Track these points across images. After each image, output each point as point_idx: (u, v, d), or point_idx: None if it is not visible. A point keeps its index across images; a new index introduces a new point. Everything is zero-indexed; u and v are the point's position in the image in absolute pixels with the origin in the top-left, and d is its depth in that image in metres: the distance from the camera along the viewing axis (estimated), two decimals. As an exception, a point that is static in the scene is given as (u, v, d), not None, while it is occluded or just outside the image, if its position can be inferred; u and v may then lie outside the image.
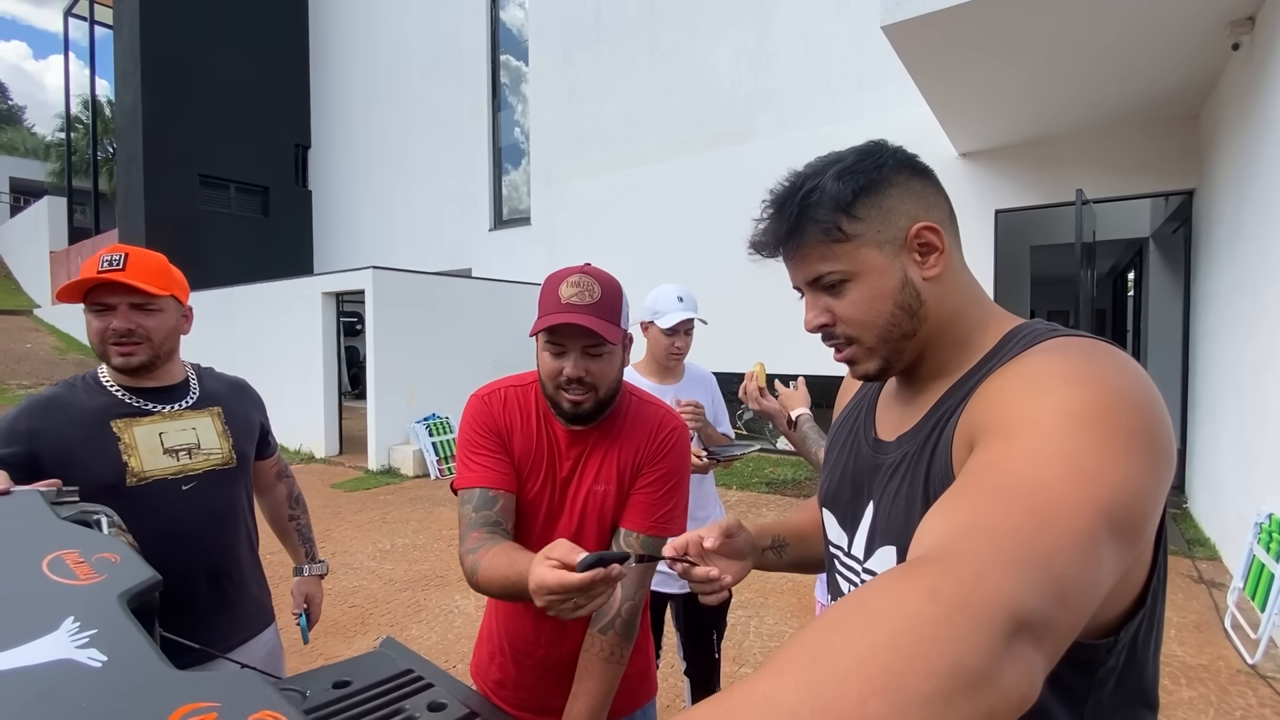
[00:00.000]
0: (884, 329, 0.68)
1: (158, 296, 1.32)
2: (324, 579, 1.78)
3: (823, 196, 0.66)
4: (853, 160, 0.68)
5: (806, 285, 0.72)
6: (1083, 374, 0.52)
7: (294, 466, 7.45)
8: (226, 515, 1.43)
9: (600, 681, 1.03)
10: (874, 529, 0.71)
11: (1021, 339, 0.64)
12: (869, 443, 0.77)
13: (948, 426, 0.63)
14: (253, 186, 14.76)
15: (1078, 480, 0.44)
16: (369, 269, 7.13)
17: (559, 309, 1.04)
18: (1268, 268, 3.34)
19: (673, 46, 8.51)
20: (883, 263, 0.66)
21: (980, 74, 4.40)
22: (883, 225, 0.66)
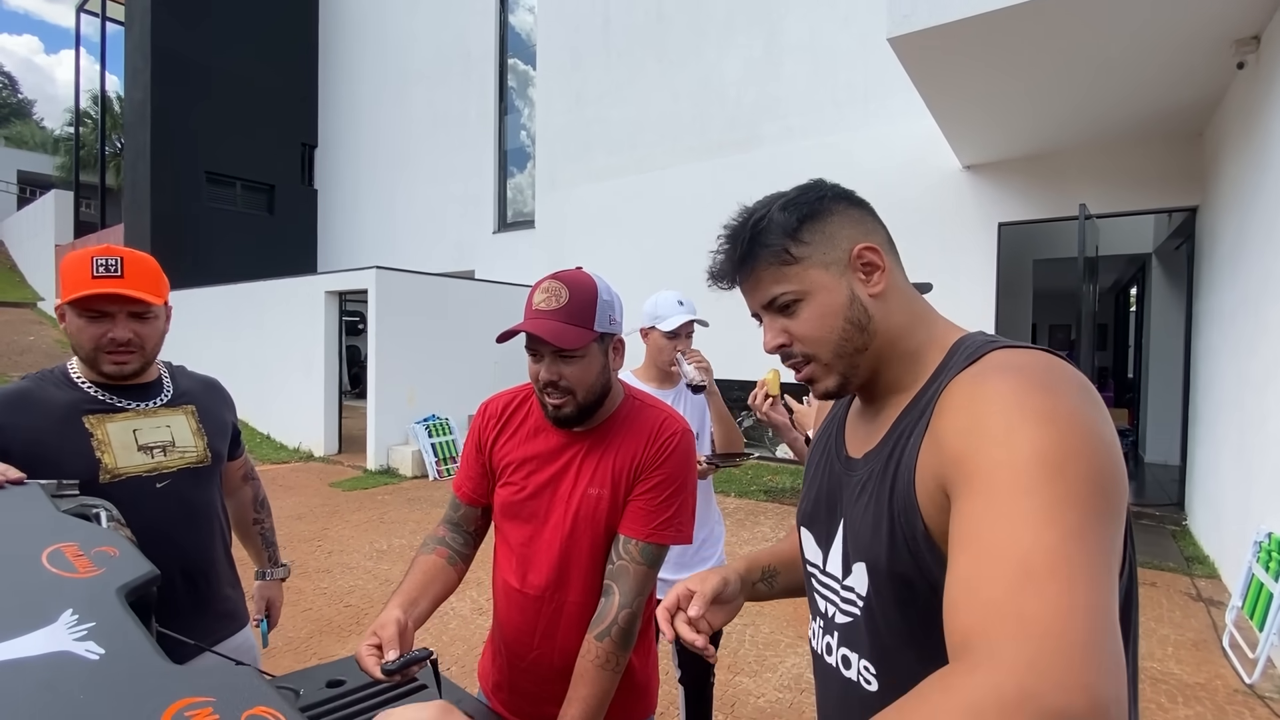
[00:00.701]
0: (838, 344, 0.72)
1: (155, 305, 1.31)
2: (287, 578, 1.76)
3: (771, 224, 0.73)
4: (795, 194, 0.75)
5: (763, 309, 0.76)
6: (1045, 408, 0.54)
7: (293, 465, 7.46)
8: (201, 514, 1.41)
9: (594, 688, 1.02)
10: (846, 546, 0.74)
11: (964, 352, 0.67)
12: (840, 460, 0.80)
13: (908, 446, 0.66)
14: (259, 184, 14.81)
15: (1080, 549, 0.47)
16: (372, 269, 7.15)
17: (527, 315, 1.09)
18: (1271, 287, 3.34)
19: (680, 54, 8.55)
20: (830, 281, 0.72)
21: (985, 87, 4.41)
22: (827, 248, 0.72)
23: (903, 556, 0.63)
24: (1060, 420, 0.53)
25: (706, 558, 1.94)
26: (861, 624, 0.71)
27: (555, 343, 1.05)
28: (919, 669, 0.59)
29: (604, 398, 1.16)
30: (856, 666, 0.72)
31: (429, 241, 12.58)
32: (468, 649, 3.12)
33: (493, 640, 1.29)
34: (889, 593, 0.66)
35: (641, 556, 1.10)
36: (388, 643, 0.96)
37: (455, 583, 1.22)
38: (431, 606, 1.14)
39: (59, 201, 18.04)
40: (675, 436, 1.16)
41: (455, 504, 1.27)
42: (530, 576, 1.17)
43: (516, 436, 1.22)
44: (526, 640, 1.17)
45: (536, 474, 1.18)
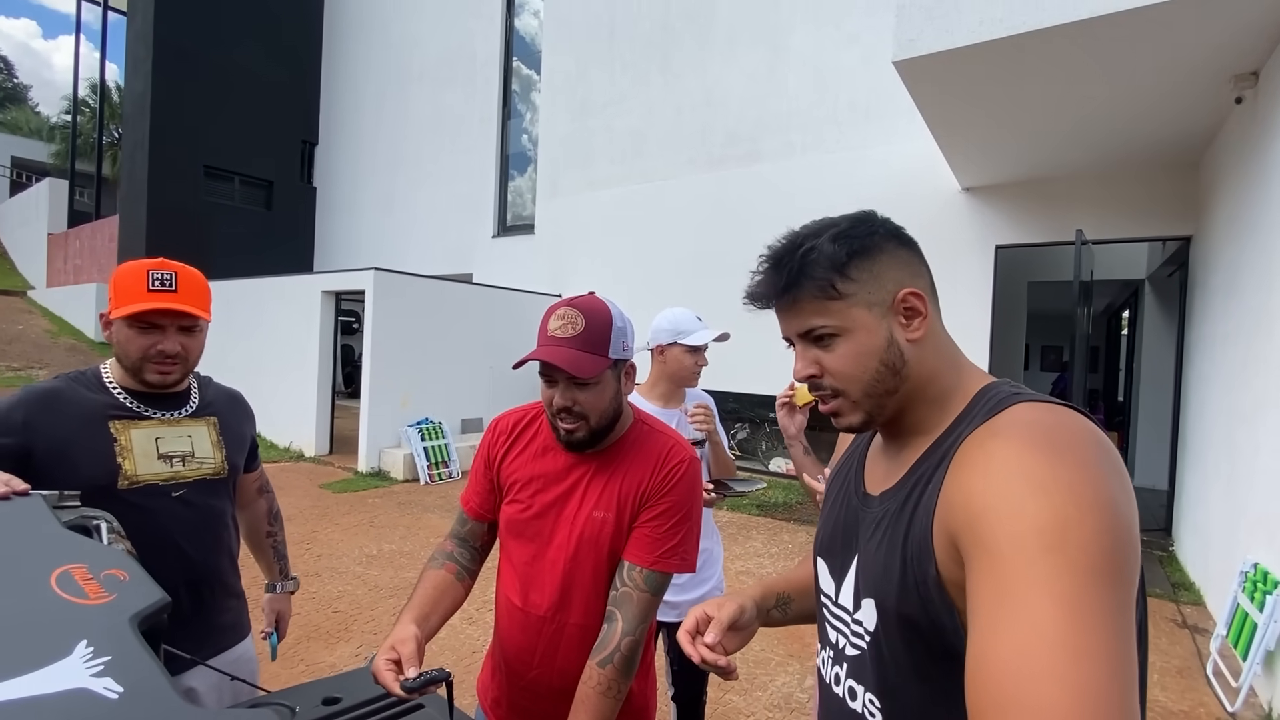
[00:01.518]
0: (869, 384, 0.72)
1: (204, 320, 1.36)
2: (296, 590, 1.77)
3: (820, 256, 0.71)
4: (847, 226, 0.74)
5: (798, 337, 0.76)
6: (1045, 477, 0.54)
7: (284, 464, 7.40)
8: (212, 525, 1.42)
9: (595, 715, 1.02)
10: (858, 581, 0.75)
11: (987, 403, 0.68)
12: (858, 495, 0.81)
13: (926, 491, 0.67)
14: (258, 180, 14.75)
15: (1084, 627, 0.48)
16: (370, 270, 7.12)
17: (542, 342, 1.10)
18: (1264, 320, 3.38)
19: (684, 66, 8.61)
20: (871, 322, 0.72)
21: (987, 113, 4.46)
22: (873, 287, 0.72)
23: (911, 599, 0.65)
24: (1060, 489, 0.53)
25: (706, 579, 1.94)
26: (868, 658, 0.72)
27: (573, 372, 1.06)
28: (924, 705, 0.66)
29: (615, 422, 1.17)
30: (862, 699, 0.73)
31: (427, 243, 12.56)
32: (457, 659, 3.10)
33: (492, 656, 1.29)
34: (896, 631, 0.67)
35: (645, 584, 1.10)
36: (408, 659, 0.97)
37: (463, 598, 1.23)
38: (441, 621, 1.15)
39: (53, 190, 17.90)
40: (683, 464, 1.17)
41: (463, 518, 1.29)
42: (532, 596, 1.17)
43: (525, 454, 1.23)
44: (526, 659, 1.17)
45: (543, 493, 1.18)
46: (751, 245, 3.43)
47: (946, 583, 0.61)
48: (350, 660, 3.06)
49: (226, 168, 14.18)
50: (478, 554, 1.29)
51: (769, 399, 7.93)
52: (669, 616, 1.89)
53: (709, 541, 1.96)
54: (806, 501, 6.40)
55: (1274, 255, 3.27)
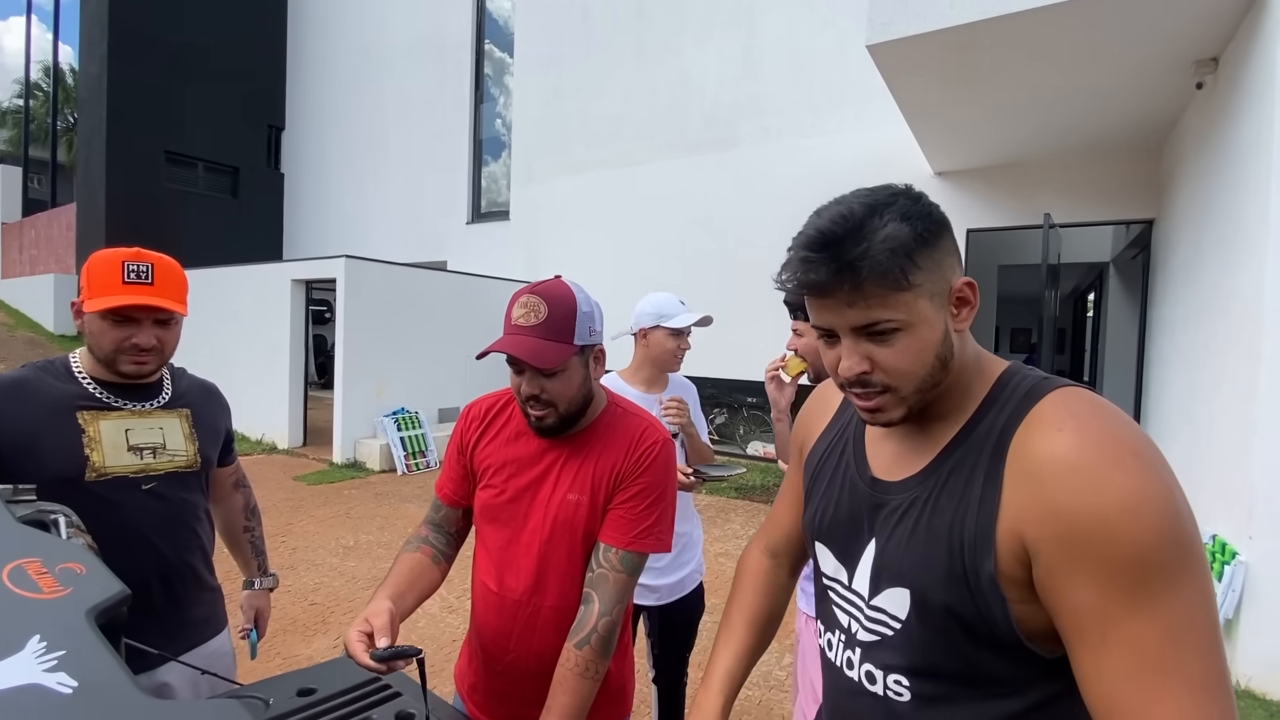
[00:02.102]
0: (923, 380, 0.68)
1: (180, 313, 1.33)
2: (276, 587, 1.74)
3: (894, 242, 0.64)
4: (910, 206, 0.66)
5: (851, 330, 0.68)
6: (1139, 491, 0.57)
7: (256, 457, 7.27)
8: (183, 519, 1.39)
9: (573, 697, 1.03)
10: (879, 568, 0.73)
11: (1018, 387, 0.69)
12: (865, 481, 0.78)
13: (974, 484, 0.66)
14: (222, 166, 14.32)
15: (1209, 648, 0.55)
16: (341, 257, 6.98)
17: (506, 331, 1.09)
18: (1221, 301, 3.49)
19: (659, 50, 8.53)
20: (932, 315, 0.67)
21: (958, 98, 4.50)
22: (936, 277, 0.67)
23: (960, 591, 0.64)
24: (1170, 505, 0.57)
25: (685, 562, 1.95)
26: (896, 643, 0.71)
27: (534, 364, 1.05)
28: (955, 686, 0.68)
29: (586, 407, 1.17)
30: (884, 681, 0.73)
31: (400, 230, 12.34)
32: (437, 648, 3.10)
33: (469, 643, 1.29)
34: (936, 621, 0.67)
35: (621, 565, 1.11)
36: (379, 630, 0.97)
37: (438, 581, 1.23)
38: (416, 602, 1.15)
39: (6, 177, 17.21)
40: (656, 446, 1.17)
41: (437, 505, 1.28)
42: (507, 580, 1.17)
43: (498, 440, 1.23)
44: (502, 643, 1.17)
45: (516, 478, 1.18)
46: (728, 231, 3.49)
47: (1002, 578, 0.62)
48: (328, 653, 3.04)
49: (190, 154, 13.73)
50: (453, 539, 1.29)
51: (747, 384, 8.01)
52: (649, 600, 1.90)
53: (688, 525, 1.97)
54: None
55: (1232, 238, 3.37)
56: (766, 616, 0.98)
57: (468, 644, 1.30)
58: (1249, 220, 3.10)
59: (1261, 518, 2.81)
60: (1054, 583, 0.59)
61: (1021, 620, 0.62)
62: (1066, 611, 0.58)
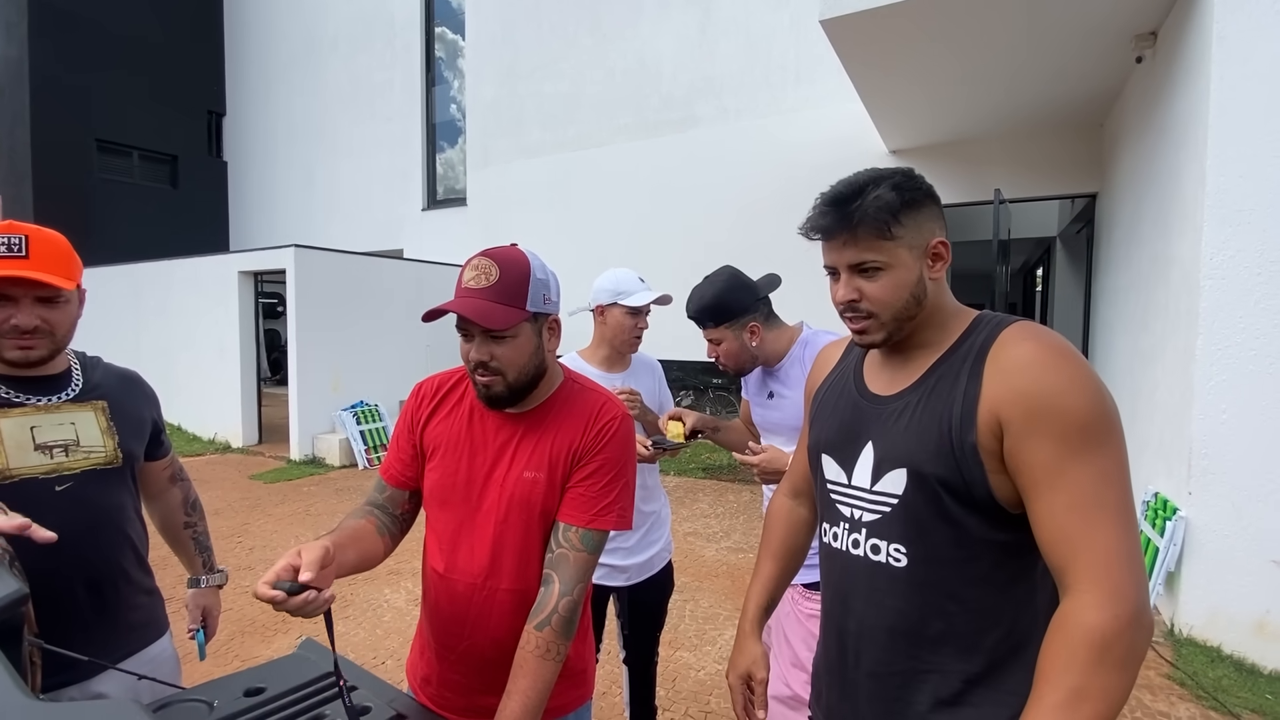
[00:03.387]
0: (898, 311, 0.90)
1: (65, 289, 1.20)
2: (225, 584, 1.66)
3: (883, 202, 0.86)
4: (902, 179, 0.89)
5: (846, 268, 0.91)
6: (1090, 380, 0.79)
7: (209, 457, 7.00)
8: (107, 519, 1.29)
9: (535, 680, 1.00)
10: (879, 460, 0.91)
11: (989, 321, 0.90)
12: (866, 398, 0.98)
13: (960, 380, 0.86)
14: (159, 155, 13.63)
15: (1124, 493, 0.77)
16: (290, 247, 6.73)
17: (456, 294, 1.05)
18: (1160, 269, 3.62)
19: (615, 29, 8.39)
20: (910, 261, 0.89)
21: (910, 74, 4.55)
22: (915, 233, 0.89)
23: (948, 461, 0.83)
24: (1101, 390, 0.78)
25: (654, 540, 1.94)
26: (895, 516, 0.89)
27: (483, 323, 1.01)
28: (947, 546, 0.86)
29: (538, 379, 1.13)
30: (886, 551, 0.90)
31: (353, 219, 11.97)
32: (403, 642, 3.04)
33: (420, 634, 1.25)
34: (928, 488, 0.85)
35: (582, 543, 1.08)
36: (308, 565, 0.86)
37: (381, 554, 1.14)
38: (358, 561, 1.06)
39: (-81, 170, 16.04)
40: (615, 421, 1.14)
41: (381, 486, 1.22)
42: (460, 563, 1.13)
43: (450, 418, 1.18)
44: (456, 630, 1.13)
45: (470, 457, 1.14)
46: (689, 212, 3.45)
47: (982, 450, 0.81)
48: (288, 653, 2.94)
49: (122, 142, 13.02)
50: (398, 520, 1.21)
51: (711, 365, 8.03)
52: (619, 580, 1.88)
53: (656, 504, 1.96)
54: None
55: (1170, 208, 3.49)
56: (789, 547, 1.21)
57: (419, 635, 1.26)
58: (1186, 190, 3.21)
59: (1200, 475, 2.94)
60: (1018, 446, 0.79)
61: (995, 487, 0.81)
62: (1025, 469, 0.78)
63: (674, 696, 2.61)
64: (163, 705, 1.07)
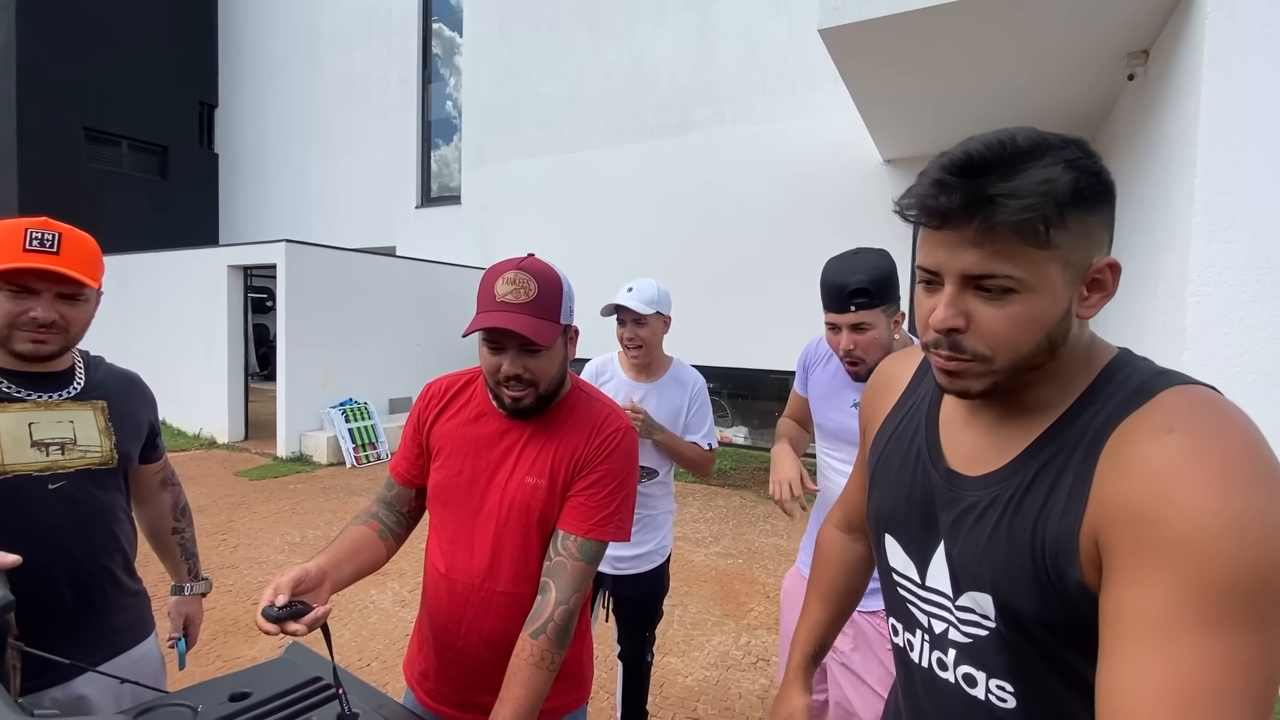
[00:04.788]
0: (1022, 357, 0.60)
1: (88, 288, 1.22)
2: (208, 592, 1.64)
3: (1050, 186, 0.55)
4: (1077, 155, 0.58)
5: (960, 277, 0.60)
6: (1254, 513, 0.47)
7: (194, 453, 6.92)
8: (99, 519, 1.29)
9: (528, 688, 1.00)
10: (957, 570, 0.67)
11: (1127, 382, 0.60)
12: (939, 472, 0.71)
13: (1062, 483, 0.59)
14: (149, 145, 13.48)
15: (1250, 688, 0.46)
16: (281, 242, 6.67)
17: (493, 307, 1.04)
18: (1149, 284, 3.67)
19: (613, 32, 8.40)
20: (1060, 286, 0.58)
21: (907, 84, 4.58)
22: (1079, 245, 0.58)
23: (1049, 600, 0.58)
24: (1269, 534, 0.47)
25: (643, 541, 1.94)
26: (991, 645, 0.65)
27: (537, 341, 1.02)
28: (1068, 693, 0.61)
29: (561, 389, 1.16)
30: (985, 685, 0.66)
31: (346, 215, 11.89)
32: (389, 643, 3.01)
33: (419, 629, 1.26)
34: (1029, 628, 0.61)
35: (580, 553, 1.09)
36: (280, 588, 0.93)
37: (384, 558, 1.19)
38: (355, 573, 1.11)
39: (-98, 154, 15.77)
40: (618, 433, 1.15)
41: (390, 483, 1.26)
42: (460, 563, 1.14)
43: (457, 419, 1.20)
44: (453, 628, 1.15)
45: (474, 459, 1.15)
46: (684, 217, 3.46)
47: (1089, 585, 0.56)
48: (272, 654, 2.91)
49: (112, 131, 12.87)
50: (404, 519, 1.26)
51: (726, 371, 8.04)
52: (606, 568, 1.91)
53: (647, 510, 1.95)
54: (740, 467, 6.56)
55: (1159, 223, 3.53)
56: (841, 589, 1.02)
57: (417, 630, 1.28)
58: (1175, 207, 3.26)
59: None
60: (1118, 576, 0.52)
61: None
62: (1118, 607, 0.51)
63: (661, 702, 2.61)
64: (146, 709, 1.05)
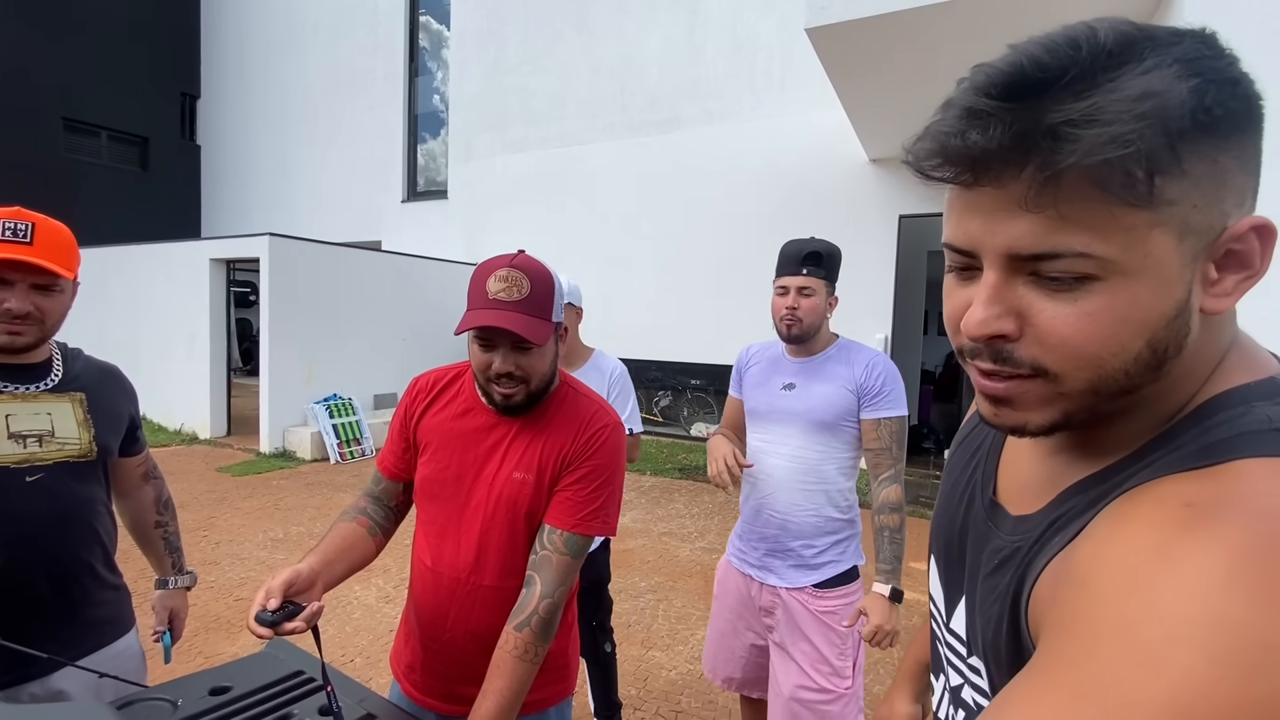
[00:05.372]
0: (1109, 375, 0.39)
1: (64, 278, 1.21)
2: (193, 586, 1.63)
3: (1151, 104, 0.34)
4: (1196, 51, 0.36)
5: (1005, 258, 0.40)
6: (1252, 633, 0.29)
7: (175, 448, 6.84)
8: (77, 513, 1.28)
9: (511, 679, 1.01)
10: (970, 622, 0.54)
11: (1210, 426, 0.40)
12: (984, 504, 0.55)
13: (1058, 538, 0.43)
14: (130, 136, 13.25)
15: None
16: (265, 235, 6.59)
17: (485, 305, 1.04)
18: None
19: (602, 27, 8.38)
20: (1174, 265, 0.37)
21: (892, 84, 4.62)
22: (1204, 199, 0.36)
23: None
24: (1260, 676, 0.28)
25: None
26: None
27: (532, 339, 1.02)
28: None
29: (552, 385, 1.17)
30: None
31: (331, 209, 11.77)
32: (373, 639, 3.00)
33: (406, 622, 1.27)
34: None
35: (566, 547, 1.10)
36: (272, 591, 0.93)
37: (373, 554, 1.20)
38: (347, 571, 1.13)
39: None
40: (606, 429, 1.16)
41: (377, 478, 1.27)
42: (446, 557, 1.15)
43: (444, 414, 1.20)
44: (440, 621, 1.16)
45: (461, 453, 1.16)
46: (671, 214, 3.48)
47: None
48: (254, 651, 2.90)
49: (91, 121, 12.63)
50: (392, 514, 1.27)
51: (690, 366, 8.08)
52: None
53: None
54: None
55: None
56: None
57: (404, 623, 1.28)
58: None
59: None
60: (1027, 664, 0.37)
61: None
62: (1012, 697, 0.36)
63: (645, 695, 2.62)
64: (126, 704, 1.05)
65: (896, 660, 2.97)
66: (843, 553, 1.65)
